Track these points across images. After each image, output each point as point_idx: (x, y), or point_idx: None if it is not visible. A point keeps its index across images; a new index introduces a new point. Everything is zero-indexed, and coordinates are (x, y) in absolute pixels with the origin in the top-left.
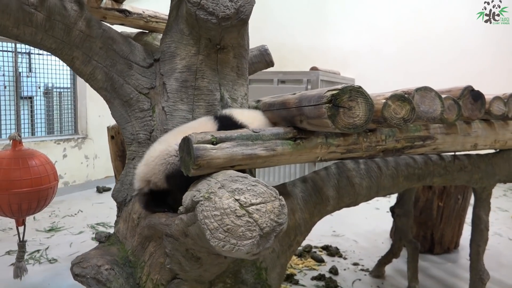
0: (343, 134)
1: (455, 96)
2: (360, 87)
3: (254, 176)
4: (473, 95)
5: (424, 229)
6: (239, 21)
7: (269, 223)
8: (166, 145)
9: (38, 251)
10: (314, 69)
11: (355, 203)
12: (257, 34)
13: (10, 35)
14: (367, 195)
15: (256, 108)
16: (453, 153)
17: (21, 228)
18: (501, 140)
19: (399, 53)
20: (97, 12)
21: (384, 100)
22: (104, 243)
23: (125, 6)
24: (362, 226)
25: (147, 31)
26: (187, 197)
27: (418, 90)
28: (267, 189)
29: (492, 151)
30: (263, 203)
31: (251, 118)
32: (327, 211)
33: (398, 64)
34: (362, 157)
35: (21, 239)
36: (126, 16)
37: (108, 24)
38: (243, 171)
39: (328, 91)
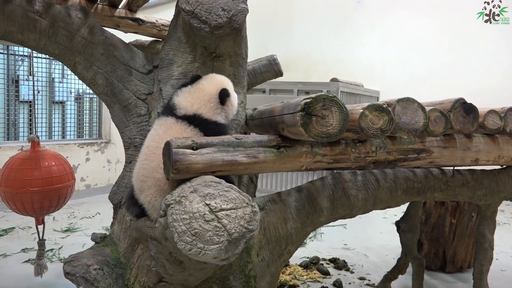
0: (330, 144)
1: (446, 109)
2: (334, 96)
3: (256, 183)
4: (465, 108)
5: (435, 246)
6: (232, 29)
7: (238, 229)
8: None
9: (51, 250)
10: (334, 80)
11: (350, 215)
12: (283, 45)
13: (15, 40)
14: (363, 207)
15: (251, 116)
16: (453, 168)
17: (40, 227)
18: (505, 156)
19: (426, 65)
20: (111, 21)
21: (362, 110)
22: (99, 244)
23: (139, 15)
24: (375, 241)
25: (160, 39)
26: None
27: (400, 101)
28: (239, 195)
29: (498, 167)
30: (234, 208)
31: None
32: (321, 221)
33: (425, 77)
34: (351, 168)
35: (41, 238)
36: (139, 25)
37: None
38: (229, 177)
39: (304, 99)
